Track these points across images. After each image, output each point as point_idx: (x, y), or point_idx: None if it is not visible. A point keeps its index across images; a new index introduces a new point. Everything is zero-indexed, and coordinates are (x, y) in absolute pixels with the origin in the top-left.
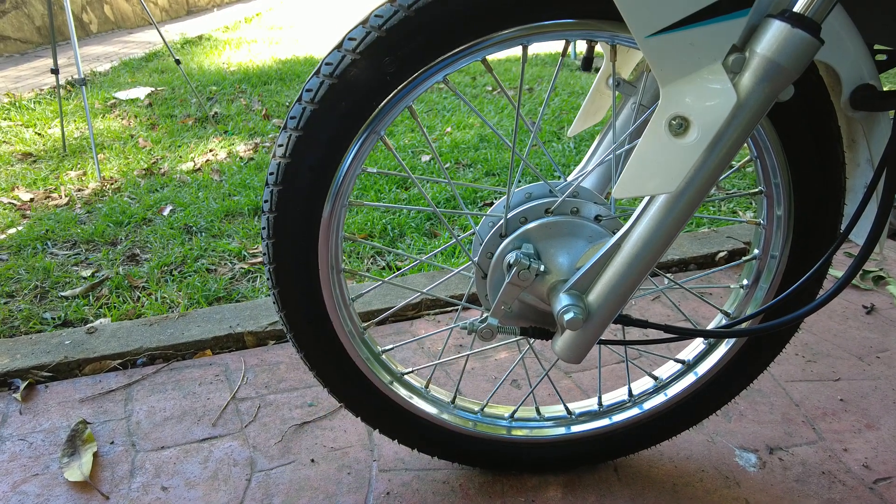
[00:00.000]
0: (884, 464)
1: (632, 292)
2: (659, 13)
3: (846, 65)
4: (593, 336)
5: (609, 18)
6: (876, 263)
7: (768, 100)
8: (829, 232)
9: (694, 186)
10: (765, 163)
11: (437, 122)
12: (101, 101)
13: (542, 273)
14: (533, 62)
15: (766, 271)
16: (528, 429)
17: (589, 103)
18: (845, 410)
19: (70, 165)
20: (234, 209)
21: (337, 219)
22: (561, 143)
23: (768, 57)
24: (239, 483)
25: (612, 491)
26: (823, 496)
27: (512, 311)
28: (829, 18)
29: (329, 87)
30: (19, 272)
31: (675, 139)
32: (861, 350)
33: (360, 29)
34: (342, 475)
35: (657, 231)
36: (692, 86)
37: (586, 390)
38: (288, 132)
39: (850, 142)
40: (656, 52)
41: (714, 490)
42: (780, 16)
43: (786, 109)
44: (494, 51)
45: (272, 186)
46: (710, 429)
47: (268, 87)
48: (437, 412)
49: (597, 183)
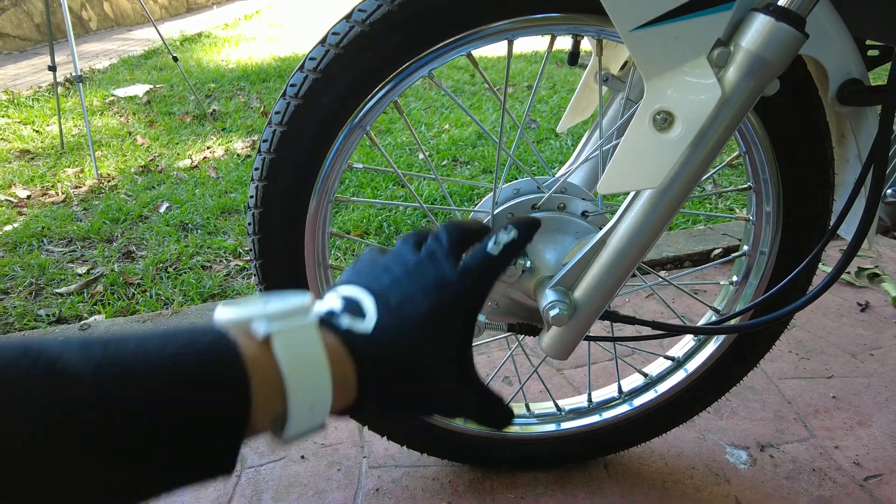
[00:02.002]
0: (874, 461)
1: (617, 288)
2: (643, 7)
3: (833, 59)
4: (579, 332)
5: (595, 12)
6: (872, 261)
7: (753, 94)
8: (818, 228)
9: (679, 182)
10: (753, 159)
11: (436, 119)
12: (99, 99)
13: (528, 269)
14: (532, 59)
15: (756, 268)
16: (517, 425)
17: (578, 99)
18: (837, 408)
19: (67, 163)
20: (230, 206)
21: (323, 214)
22: (559, 140)
23: (753, 51)
24: (229, 479)
25: (601, 488)
26: (814, 493)
27: (499, 307)
28: (816, 13)
29: (313, 81)
30: (14, 269)
31: (659, 134)
32: (854, 347)
33: (344, 24)
34: (332, 472)
35: (642, 227)
36: (677, 80)
37: (578, 387)
38: (272, 127)
39: (840, 137)
40: (640, 47)
41: (704, 487)
42: (764, 9)
43: (773, 104)
44: (479, 45)
45: (257, 182)
46: (702, 426)
47: (266, 84)
48: None
49: (585, 179)
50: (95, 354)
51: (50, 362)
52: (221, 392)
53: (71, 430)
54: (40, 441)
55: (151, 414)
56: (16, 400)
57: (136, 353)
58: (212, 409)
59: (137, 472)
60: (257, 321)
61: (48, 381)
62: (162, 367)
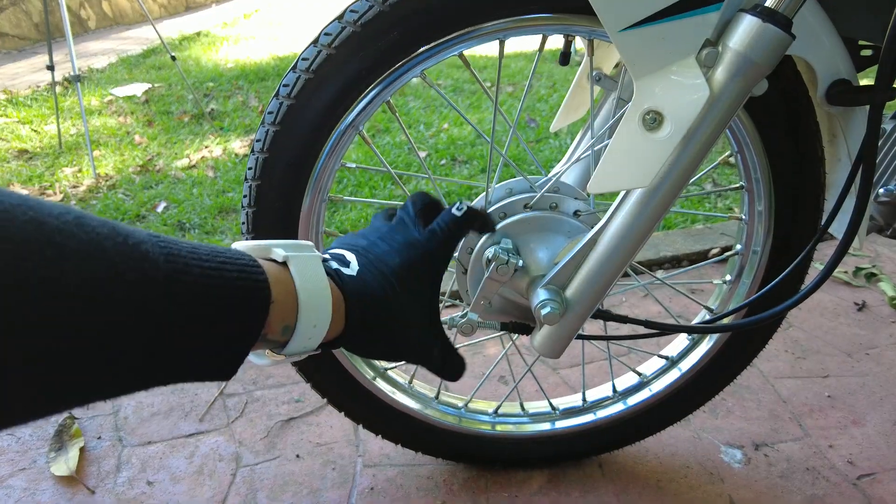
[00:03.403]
0: (868, 460)
1: (609, 287)
2: (631, 7)
3: (821, 59)
4: (571, 331)
5: (586, 13)
6: (869, 260)
7: (742, 94)
8: (809, 227)
9: (668, 181)
10: (745, 158)
11: (434, 119)
12: (97, 98)
13: (520, 268)
14: (533, 58)
15: (749, 266)
16: (512, 424)
17: (571, 98)
18: (832, 407)
19: (66, 162)
20: (227, 206)
21: (316, 213)
22: (557, 139)
23: (740, 52)
24: (224, 478)
25: (596, 487)
26: (807, 492)
27: (492, 306)
28: (804, 13)
29: (305, 82)
30: None
31: (648, 133)
32: (850, 347)
33: (336, 24)
34: (327, 470)
35: (632, 226)
36: (666, 80)
37: (573, 386)
38: (265, 127)
39: (831, 137)
40: (629, 47)
41: (698, 486)
42: (751, 10)
43: (764, 104)
44: (471, 45)
45: (251, 181)
46: (697, 425)
47: (265, 83)
48: (420, 407)
49: (578, 178)
50: (164, 248)
51: (137, 244)
52: (252, 298)
53: (140, 303)
54: (118, 300)
55: (198, 308)
56: (113, 272)
57: (191, 255)
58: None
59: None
60: (276, 248)
61: (136, 257)
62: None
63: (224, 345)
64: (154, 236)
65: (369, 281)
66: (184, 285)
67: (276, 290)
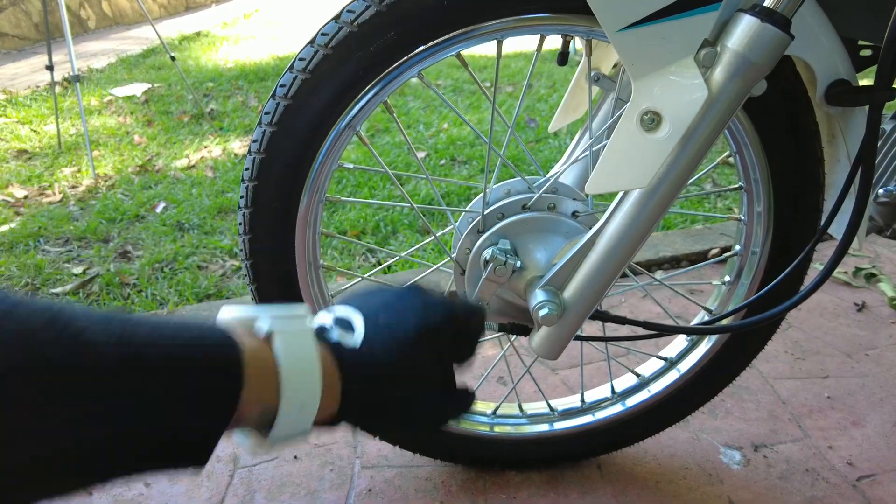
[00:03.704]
0: (868, 461)
1: (607, 288)
2: (629, 7)
3: (820, 60)
4: (569, 332)
5: (584, 13)
6: (869, 261)
7: (740, 95)
8: (809, 227)
9: (667, 182)
10: (744, 158)
11: (434, 119)
12: (97, 98)
13: (518, 269)
14: (532, 58)
15: (748, 267)
16: (510, 426)
17: (569, 98)
18: (832, 408)
19: (65, 162)
20: (226, 206)
21: (314, 214)
22: (557, 139)
23: (739, 52)
24: (222, 479)
25: (594, 488)
26: (806, 493)
27: (491, 307)
28: (803, 13)
29: (302, 82)
30: (10, 269)
31: (647, 134)
32: (850, 347)
33: (333, 24)
34: (325, 471)
35: (630, 227)
36: (664, 80)
37: (572, 387)
38: (262, 127)
39: (830, 137)
40: (627, 47)
41: (697, 487)
42: (750, 10)
43: (763, 105)
44: (469, 45)
45: (248, 182)
46: (696, 426)
47: (265, 83)
48: None
49: (576, 179)
50: (115, 332)
51: (77, 333)
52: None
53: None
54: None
55: (156, 394)
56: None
57: (150, 337)
58: (205, 393)
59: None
60: (261, 320)
61: (74, 350)
62: (171, 355)
63: (188, 433)
64: (104, 320)
65: (376, 348)
66: (136, 372)
67: (253, 369)
